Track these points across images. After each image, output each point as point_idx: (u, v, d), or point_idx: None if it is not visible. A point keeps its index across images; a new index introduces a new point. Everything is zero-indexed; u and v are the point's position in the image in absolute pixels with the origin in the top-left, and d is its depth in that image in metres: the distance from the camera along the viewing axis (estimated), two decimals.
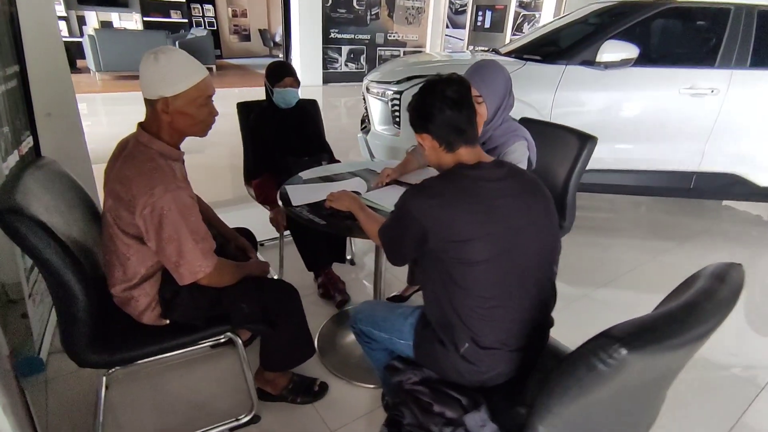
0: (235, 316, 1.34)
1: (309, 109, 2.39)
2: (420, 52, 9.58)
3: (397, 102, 2.99)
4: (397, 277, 2.48)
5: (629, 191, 3.10)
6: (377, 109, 3.21)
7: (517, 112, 2.83)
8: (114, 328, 1.29)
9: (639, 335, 0.70)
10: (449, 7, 9.31)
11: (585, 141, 1.98)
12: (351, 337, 2.03)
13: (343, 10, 8.46)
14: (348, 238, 2.39)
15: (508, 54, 3.30)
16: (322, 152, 2.34)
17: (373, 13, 8.82)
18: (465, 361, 1.09)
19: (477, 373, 1.10)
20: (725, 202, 3.91)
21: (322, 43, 8.39)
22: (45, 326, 1.85)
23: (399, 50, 9.41)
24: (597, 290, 2.47)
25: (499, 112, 1.65)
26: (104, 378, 1.59)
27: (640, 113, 2.83)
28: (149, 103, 1.20)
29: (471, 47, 8.99)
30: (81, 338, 1.19)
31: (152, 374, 1.75)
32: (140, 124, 1.25)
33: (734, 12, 2.76)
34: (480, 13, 8.61)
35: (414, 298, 2.31)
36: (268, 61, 2.33)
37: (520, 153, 1.63)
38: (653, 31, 3.05)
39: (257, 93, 2.66)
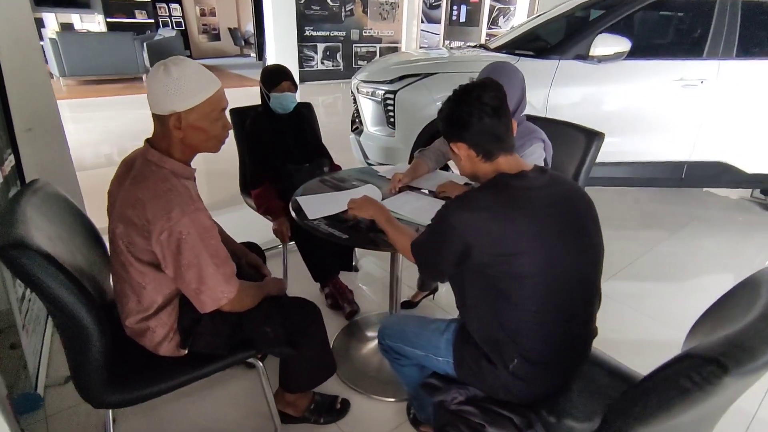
0: (260, 341, 1.26)
1: (305, 112, 2.31)
2: (396, 47, 9.51)
3: (390, 102, 2.93)
4: (404, 283, 2.43)
5: (623, 183, 3.13)
6: (369, 110, 3.14)
7: None
8: (130, 364, 1.19)
9: (733, 354, 0.66)
10: (424, 1, 9.27)
11: (592, 138, 1.96)
12: (365, 349, 1.97)
13: (317, 7, 8.31)
14: None
15: (498, 50, 3.28)
16: (322, 157, 2.26)
17: (347, 9, 8.70)
18: (516, 378, 1.05)
19: (528, 390, 1.06)
20: (705, 189, 4.02)
21: (298, 42, 8.20)
22: (39, 358, 1.72)
23: (375, 46, 9.33)
24: (602, 285, 2.47)
25: (516, 114, 1.61)
26: (110, 410, 1.48)
27: (634, 106, 2.86)
28: (159, 119, 1.11)
29: (447, 42, 8.98)
30: (96, 379, 1.09)
31: (162, 403, 1.65)
32: (148, 141, 1.16)
33: (719, 3, 2.80)
34: (455, 7, 8.60)
35: (424, 303, 2.26)
36: (240, 60, 2.24)
37: (538, 155, 1.60)
38: (642, 24, 3.08)
39: (235, 95, 2.53)
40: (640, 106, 2.85)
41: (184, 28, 11.60)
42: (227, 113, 1.21)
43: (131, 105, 6.59)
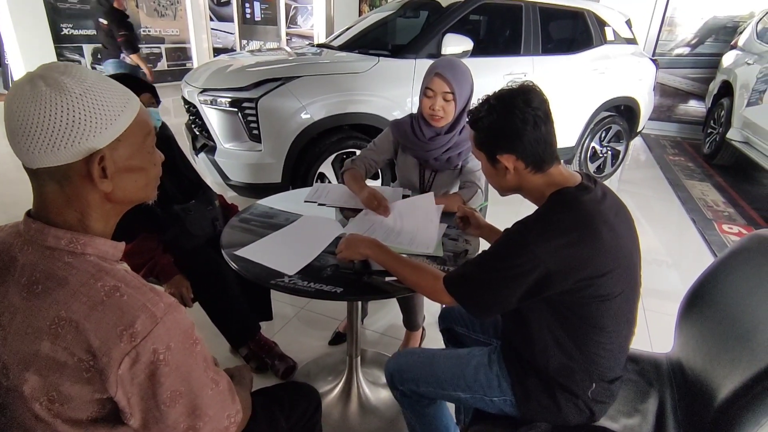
0: None
1: (167, 133, 1.78)
2: (185, 48, 8.46)
3: (252, 111, 2.52)
4: (324, 315, 2.14)
5: None
6: (221, 123, 2.64)
7: (380, 108, 2.77)
8: None
9: None
10: None
11: None
12: (324, 407, 1.65)
13: (75, 0, 6.72)
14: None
15: (345, 49, 3.17)
16: (206, 190, 1.78)
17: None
18: (596, 402, 0.98)
19: (605, 409, 1.01)
20: None
21: (54, 42, 6.51)
22: None
23: (159, 47, 8.09)
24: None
25: (463, 114, 1.54)
26: None
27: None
28: (57, 174, 0.64)
29: (245, 42, 8.42)
30: None
31: None
32: (35, 216, 0.67)
33: (524, 8, 3.27)
34: (247, 4, 8.08)
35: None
36: None
37: None
38: (476, 25, 3.38)
39: None
40: None
41: None
42: None
43: None
